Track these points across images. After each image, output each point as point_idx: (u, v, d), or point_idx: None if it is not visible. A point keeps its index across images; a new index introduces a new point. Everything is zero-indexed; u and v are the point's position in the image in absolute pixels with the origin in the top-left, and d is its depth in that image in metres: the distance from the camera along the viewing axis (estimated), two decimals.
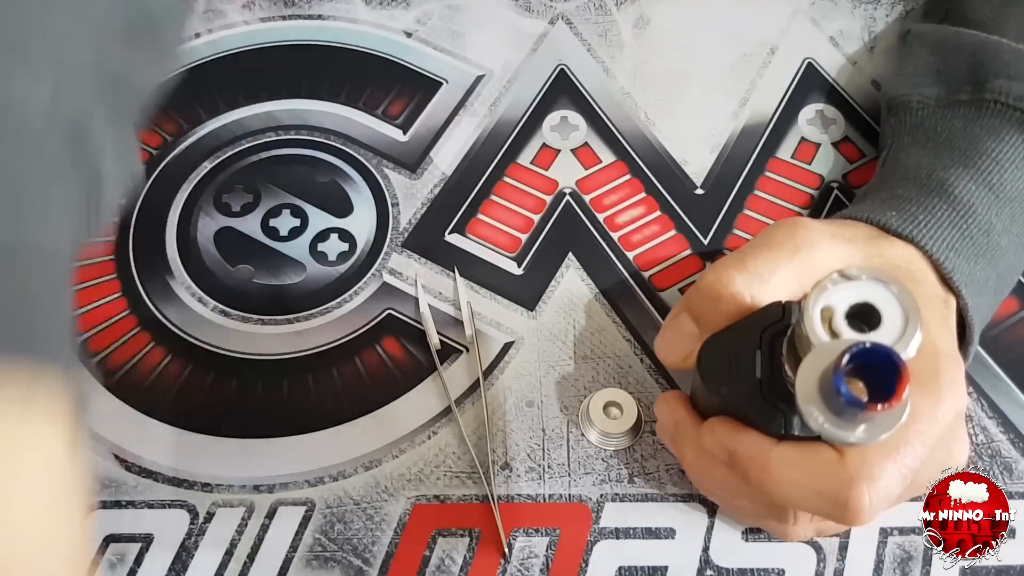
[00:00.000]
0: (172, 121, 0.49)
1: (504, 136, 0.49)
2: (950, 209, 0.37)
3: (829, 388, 0.23)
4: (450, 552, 0.37)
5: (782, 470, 0.30)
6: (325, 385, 0.41)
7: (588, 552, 0.37)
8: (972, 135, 0.39)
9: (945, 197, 0.37)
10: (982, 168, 0.38)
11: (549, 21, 0.53)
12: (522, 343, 0.42)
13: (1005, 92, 0.39)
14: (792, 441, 0.31)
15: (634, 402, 0.40)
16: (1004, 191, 0.37)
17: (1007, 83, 0.39)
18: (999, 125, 0.39)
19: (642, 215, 0.46)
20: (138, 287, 0.44)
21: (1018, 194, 0.38)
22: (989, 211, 0.37)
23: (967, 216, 0.37)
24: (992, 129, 0.39)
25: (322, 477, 0.39)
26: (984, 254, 0.37)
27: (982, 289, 0.36)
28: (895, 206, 0.37)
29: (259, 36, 0.52)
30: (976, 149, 0.38)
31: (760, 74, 0.51)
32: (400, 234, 0.46)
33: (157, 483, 0.39)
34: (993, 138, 0.39)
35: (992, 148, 0.38)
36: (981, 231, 0.37)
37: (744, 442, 0.31)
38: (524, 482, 0.39)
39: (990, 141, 0.39)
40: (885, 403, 0.23)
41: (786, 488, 0.31)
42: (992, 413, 0.41)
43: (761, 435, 0.31)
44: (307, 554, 0.37)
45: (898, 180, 0.40)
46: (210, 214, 0.46)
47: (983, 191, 0.37)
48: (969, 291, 0.36)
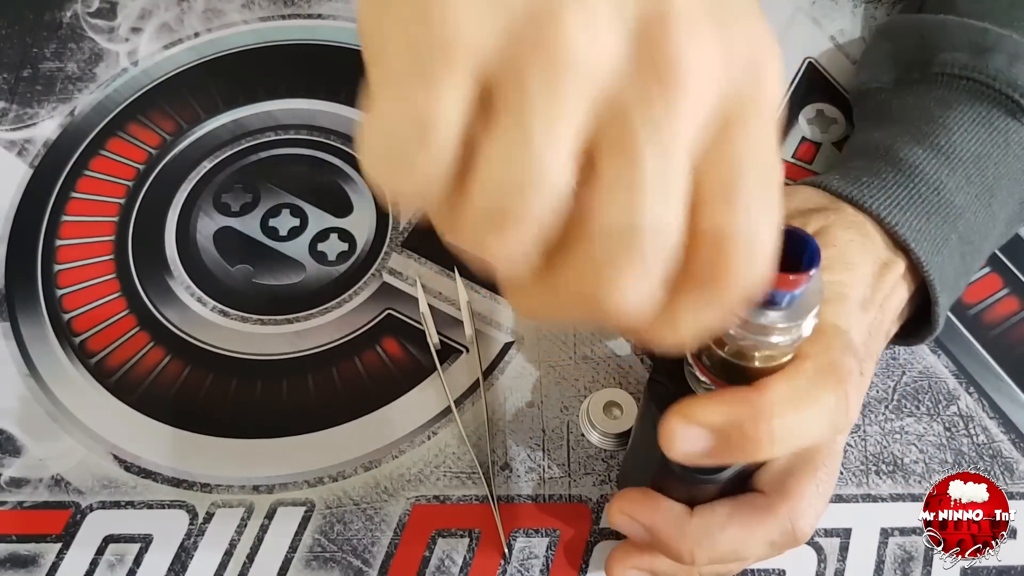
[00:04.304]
0: (171, 120, 0.49)
1: None
2: (895, 171, 0.37)
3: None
4: (450, 552, 0.37)
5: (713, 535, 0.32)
6: (325, 385, 0.41)
7: (588, 552, 0.37)
8: (922, 107, 0.40)
9: (891, 161, 0.38)
10: (929, 134, 0.38)
11: None
12: (522, 343, 0.42)
13: (951, 64, 0.40)
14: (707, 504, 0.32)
15: (634, 402, 0.40)
16: (954, 153, 0.38)
17: (951, 55, 0.40)
18: (947, 95, 0.40)
19: None
20: (137, 287, 0.44)
21: (970, 155, 0.38)
22: (938, 171, 0.37)
23: (913, 177, 0.37)
24: (941, 100, 0.40)
25: (322, 477, 0.39)
26: (937, 211, 0.37)
27: (941, 247, 0.36)
28: (843, 173, 0.38)
29: (259, 36, 0.52)
30: (925, 119, 0.39)
31: None
32: (400, 234, 0.46)
33: (156, 483, 0.39)
34: (942, 107, 0.39)
35: (940, 115, 0.39)
36: (930, 189, 0.37)
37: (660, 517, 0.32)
38: (524, 482, 0.39)
39: (939, 110, 0.39)
40: (798, 273, 0.22)
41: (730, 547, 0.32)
42: (993, 413, 0.41)
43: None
44: (307, 555, 0.37)
45: (852, 157, 0.41)
46: (209, 214, 0.46)
47: (930, 154, 0.38)
48: (923, 247, 0.36)
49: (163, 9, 0.53)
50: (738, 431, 0.26)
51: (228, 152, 0.48)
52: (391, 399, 0.41)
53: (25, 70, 0.51)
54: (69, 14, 0.54)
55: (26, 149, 0.48)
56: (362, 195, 0.47)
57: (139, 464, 0.40)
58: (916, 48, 0.42)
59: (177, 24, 0.53)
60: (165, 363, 0.42)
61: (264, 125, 0.49)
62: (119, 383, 0.41)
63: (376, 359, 0.42)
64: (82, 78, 0.51)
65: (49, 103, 0.50)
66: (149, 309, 0.44)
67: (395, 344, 0.43)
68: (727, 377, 0.27)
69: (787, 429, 0.26)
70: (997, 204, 0.38)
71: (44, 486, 0.39)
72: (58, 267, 0.45)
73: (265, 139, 0.49)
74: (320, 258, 0.45)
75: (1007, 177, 0.38)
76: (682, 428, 0.26)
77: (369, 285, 0.44)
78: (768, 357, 0.26)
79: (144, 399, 0.41)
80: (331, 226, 0.46)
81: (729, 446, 0.26)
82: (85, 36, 0.53)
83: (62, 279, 0.44)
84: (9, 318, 0.43)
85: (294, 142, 0.49)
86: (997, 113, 0.38)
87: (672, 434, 0.26)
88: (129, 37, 0.52)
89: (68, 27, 0.53)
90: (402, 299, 0.44)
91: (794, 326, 0.24)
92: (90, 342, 0.43)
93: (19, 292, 0.44)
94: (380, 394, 0.41)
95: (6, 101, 0.50)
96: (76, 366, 0.42)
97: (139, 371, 0.42)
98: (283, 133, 0.49)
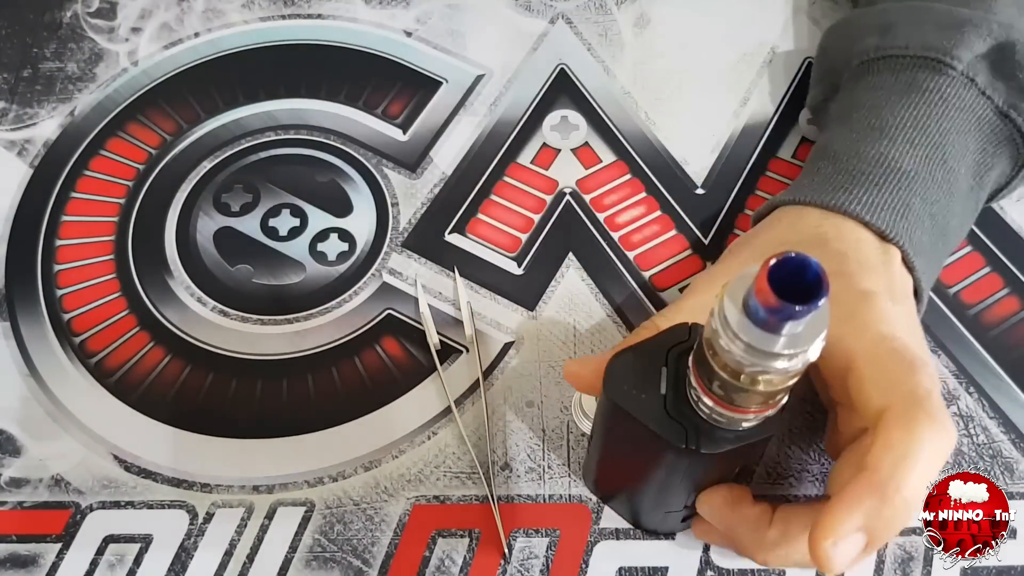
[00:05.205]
0: (171, 120, 0.49)
1: (504, 136, 0.49)
2: (832, 163, 0.38)
3: (750, 305, 0.23)
4: (450, 553, 0.37)
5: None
6: (325, 385, 0.41)
7: (588, 553, 0.37)
8: (853, 100, 0.41)
9: (826, 157, 0.39)
10: (857, 118, 0.39)
11: (549, 20, 0.53)
12: (522, 343, 0.42)
13: (864, 51, 0.41)
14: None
15: None
16: (888, 124, 0.38)
17: (862, 43, 0.41)
18: (873, 79, 0.40)
19: (642, 215, 0.46)
20: (137, 287, 0.44)
21: (908, 122, 0.38)
22: (876, 146, 0.37)
23: (851, 159, 0.37)
24: (869, 85, 0.40)
25: (322, 477, 0.39)
26: (886, 181, 0.36)
27: (904, 212, 0.36)
28: (786, 189, 0.39)
29: (259, 35, 0.52)
30: (855, 108, 0.40)
31: (761, 74, 0.51)
32: (400, 234, 0.46)
33: (156, 483, 0.39)
34: (871, 91, 0.40)
35: (869, 100, 0.40)
36: (871, 164, 0.37)
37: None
38: (524, 482, 0.39)
39: (867, 95, 0.40)
40: (804, 303, 0.22)
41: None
42: (993, 413, 0.41)
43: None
44: (307, 555, 0.37)
45: (802, 173, 0.41)
46: (209, 214, 0.46)
47: (865, 135, 0.38)
48: (880, 216, 0.35)
49: (163, 9, 0.53)
50: (879, 520, 0.27)
51: (228, 152, 0.48)
52: (391, 399, 0.41)
53: (25, 70, 0.51)
54: (69, 14, 0.54)
55: (26, 149, 0.48)
56: (362, 195, 0.47)
57: (139, 464, 0.40)
58: (840, 51, 0.43)
59: (177, 24, 0.53)
60: (165, 363, 0.42)
61: (264, 125, 0.49)
62: (119, 383, 0.41)
63: (376, 359, 0.42)
64: (82, 78, 0.51)
65: (49, 103, 0.50)
66: (149, 309, 0.44)
67: (395, 344, 0.43)
68: (733, 400, 0.26)
69: (914, 491, 0.28)
70: (953, 159, 0.38)
71: (44, 486, 0.39)
72: (58, 267, 0.45)
73: (265, 139, 0.49)
74: (320, 258, 0.45)
75: (954, 132, 0.38)
76: (834, 547, 0.27)
77: (369, 285, 0.44)
78: (772, 381, 0.25)
79: (144, 399, 0.41)
80: (331, 226, 0.46)
81: (877, 535, 0.28)
82: (85, 36, 0.53)
83: (62, 279, 0.44)
84: (9, 318, 0.43)
85: (294, 142, 0.49)
86: (923, 75, 0.39)
87: (827, 556, 0.27)
88: (129, 37, 0.52)
89: (68, 27, 0.53)
90: (402, 299, 0.44)
91: (800, 352, 0.24)
92: (90, 342, 0.43)
93: (19, 292, 0.44)
94: (380, 394, 0.41)
95: (6, 101, 0.50)
96: (76, 366, 0.42)
97: (139, 371, 0.42)
98: (283, 133, 0.49)
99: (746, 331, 0.23)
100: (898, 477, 0.27)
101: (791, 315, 0.22)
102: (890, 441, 0.28)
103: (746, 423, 0.28)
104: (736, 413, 0.27)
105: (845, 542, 0.27)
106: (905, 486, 0.27)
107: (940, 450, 0.28)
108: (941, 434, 0.28)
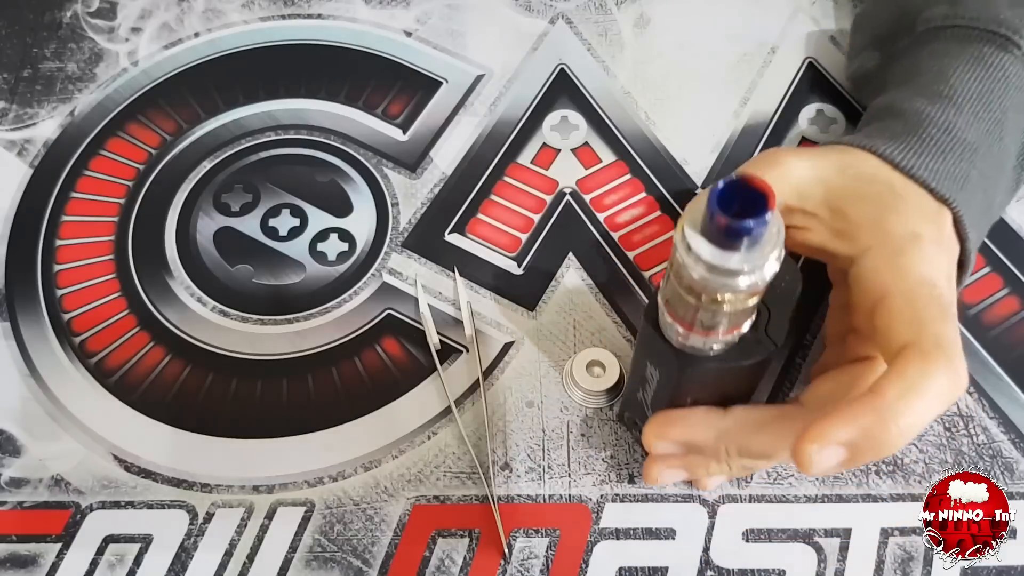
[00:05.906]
0: (171, 120, 0.49)
1: (504, 136, 0.49)
2: (902, 122, 0.38)
3: (707, 222, 0.25)
4: (450, 552, 0.37)
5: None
6: (325, 385, 0.41)
7: (588, 553, 0.37)
8: (917, 65, 0.41)
9: (896, 115, 0.39)
10: (929, 83, 0.39)
11: (549, 20, 0.53)
12: (522, 343, 0.42)
13: (933, 18, 0.42)
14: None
15: (616, 360, 0.40)
16: (956, 94, 0.38)
17: (931, 11, 0.42)
18: (938, 47, 0.41)
19: (642, 215, 0.46)
20: (137, 287, 0.44)
21: (973, 94, 0.38)
22: (945, 113, 0.38)
23: (922, 122, 0.38)
24: (933, 52, 0.41)
25: (322, 477, 0.39)
26: (952, 149, 0.37)
27: (963, 183, 0.36)
28: (857, 133, 0.39)
29: (259, 36, 0.52)
30: (922, 72, 0.40)
31: (761, 74, 0.51)
32: (400, 234, 0.46)
33: (156, 483, 0.39)
34: (935, 58, 0.40)
35: (935, 65, 0.40)
36: (940, 130, 0.37)
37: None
38: (524, 482, 0.39)
39: (932, 61, 0.40)
40: (755, 216, 0.24)
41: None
42: (993, 413, 0.41)
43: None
44: (307, 555, 0.37)
45: (863, 124, 0.41)
46: (209, 214, 0.46)
47: (934, 99, 0.38)
48: (944, 185, 0.36)
49: (163, 9, 0.53)
50: (867, 440, 0.28)
51: (228, 152, 0.48)
52: (391, 399, 0.41)
53: (25, 70, 0.51)
54: (69, 14, 0.54)
55: (26, 149, 0.48)
56: (362, 195, 0.47)
57: (139, 464, 0.40)
58: (896, 19, 0.44)
59: (177, 24, 0.53)
60: (165, 363, 0.42)
61: (264, 125, 0.49)
62: (119, 383, 0.41)
63: (376, 359, 0.42)
64: (82, 78, 0.51)
65: (49, 103, 0.50)
66: (149, 309, 0.44)
67: (395, 344, 0.43)
68: (698, 323, 0.29)
69: (910, 424, 0.28)
70: (1008, 137, 0.39)
71: (44, 486, 0.39)
72: (58, 267, 0.45)
73: (265, 139, 0.49)
74: (320, 258, 0.45)
75: (1012, 110, 0.39)
76: (818, 452, 0.28)
77: (369, 285, 0.44)
78: (734, 300, 0.27)
79: (144, 399, 0.41)
80: (331, 226, 0.46)
81: (861, 453, 0.28)
82: (85, 36, 0.53)
83: (62, 279, 0.44)
84: (9, 318, 0.43)
85: (294, 142, 0.49)
86: (989, 50, 0.39)
87: (810, 459, 0.28)
88: (129, 37, 0.52)
89: (68, 27, 0.53)
90: (402, 299, 0.44)
91: (756, 268, 0.26)
92: (90, 342, 0.43)
93: (19, 292, 0.44)
94: (380, 394, 0.41)
95: (6, 101, 0.50)
96: (76, 366, 0.42)
97: (139, 371, 0.42)
98: (283, 133, 0.49)
99: (706, 251, 0.26)
100: (900, 406, 0.28)
101: (742, 230, 0.24)
102: (905, 372, 0.29)
103: (716, 346, 0.30)
104: (705, 336, 0.29)
105: (828, 451, 0.28)
106: (904, 416, 0.28)
107: (947, 394, 0.29)
108: (953, 378, 0.29)
